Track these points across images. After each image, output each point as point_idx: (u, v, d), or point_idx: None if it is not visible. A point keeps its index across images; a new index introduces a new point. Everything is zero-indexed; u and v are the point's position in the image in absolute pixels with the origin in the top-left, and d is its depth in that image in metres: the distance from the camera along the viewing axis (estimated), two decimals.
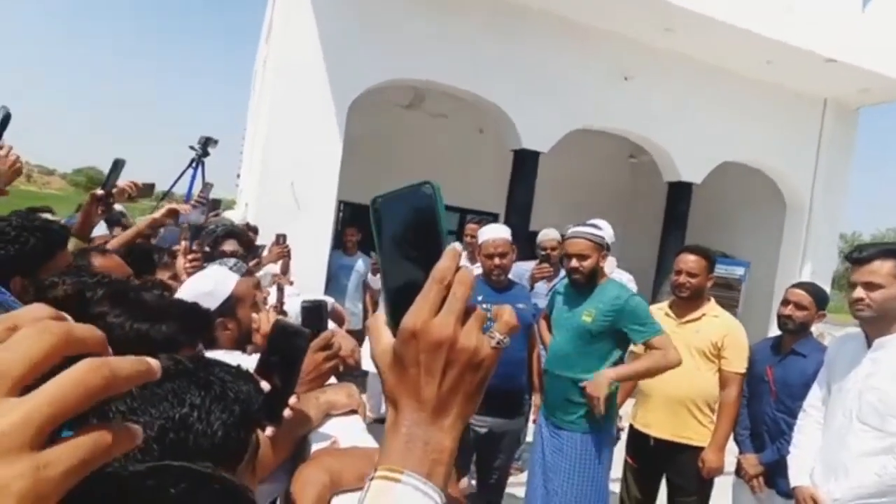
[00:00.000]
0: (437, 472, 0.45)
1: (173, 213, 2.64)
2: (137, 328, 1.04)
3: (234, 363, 0.70)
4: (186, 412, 0.57)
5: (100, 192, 2.24)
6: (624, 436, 3.04)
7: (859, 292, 2.03)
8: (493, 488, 3.07)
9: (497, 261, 2.95)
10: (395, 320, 0.48)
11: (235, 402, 0.60)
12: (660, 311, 2.96)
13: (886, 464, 1.92)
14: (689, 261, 2.88)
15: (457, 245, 0.49)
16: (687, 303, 2.89)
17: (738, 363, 2.77)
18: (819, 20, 6.29)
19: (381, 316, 0.51)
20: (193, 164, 4.52)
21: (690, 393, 2.80)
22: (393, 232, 0.50)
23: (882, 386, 1.99)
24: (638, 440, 2.95)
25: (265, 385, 0.82)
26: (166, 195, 5.03)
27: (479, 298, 2.93)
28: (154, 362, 0.34)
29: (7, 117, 2.06)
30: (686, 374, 2.74)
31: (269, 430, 0.85)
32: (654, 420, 2.88)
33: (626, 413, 3.07)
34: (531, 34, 6.08)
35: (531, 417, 3.23)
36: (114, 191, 2.27)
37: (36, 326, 0.31)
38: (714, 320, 2.84)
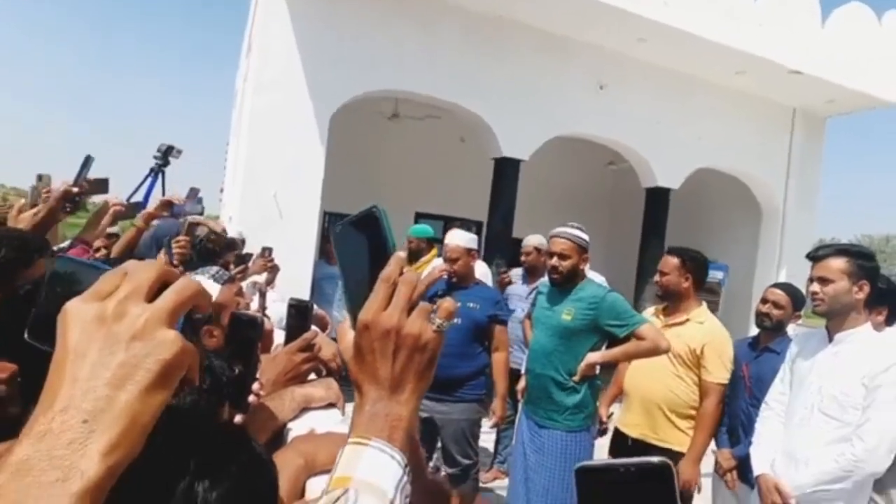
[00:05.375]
0: (396, 436, 0.55)
1: (167, 206, 2.64)
2: None
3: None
4: None
5: (74, 188, 2.18)
6: (609, 437, 3.10)
7: (814, 287, 2.15)
8: (458, 480, 3.17)
9: (448, 264, 3.20)
10: (355, 321, 0.59)
11: (207, 372, 0.68)
12: (649, 313, 3.03)
13: (844, 451, 2.02)
14: (664, 260, 2.93)
15: (400, 253, 0.59)
16: (672, 305, 2.91)
17: (717, 373, 2.74)
18: (784, 33, 6.52)
19: (346, 321, 0.62)
20: (152, 174, 4.40)
21: (665, 395, 2.81)
22: (350, 250, 0.61)
23: (844, 378, 2.09)
24: (619, 440, 3.00)
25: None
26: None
27: (439, 294, 3.14)
28: (209, 293, 0.49)
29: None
30: (662, 377, 2.80)
31: (238, 418, 0.91)
32: (631, 420, 2.93)
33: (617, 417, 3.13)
34: (509, 45, 6.22)
35: (490, 422, 3.32)
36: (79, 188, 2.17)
37: (145, 264, 0.46)
38: (698, 326, 2.81)
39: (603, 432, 3.09)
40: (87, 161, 2.26)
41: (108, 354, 0.40)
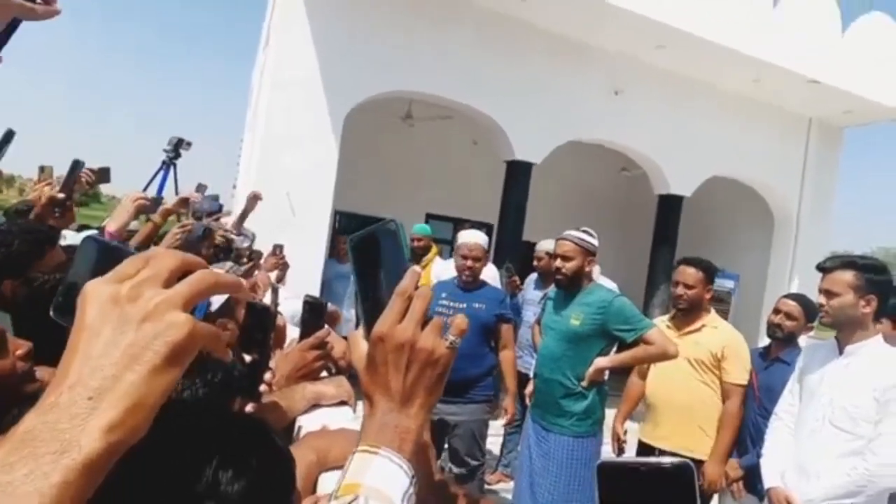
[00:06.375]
0: (405, 448, 0.56)
1: (184, 203, 2.66)
2: None
3: None
4: None
5: (60, 195, 2.12)
6: (631, 451, 3.06)
7: (821, 299, 2.14)
8: (464, 480, 3.18)
9: (469, 263, 3.15)
10: (369, 332, 0.60)
11: (218, 369, 0.69)
12: (661, 324, 2.99)
13: (857, 465, 2.01)
14: (686, 273, 2.86)
15: (416, 267, 0.60)
16: (686, 315, 2.88)
17: (737, 374, 2.75)
18: (803, 42, 6.47)
19: (359, 330, 0.63)
20: (164, 167, 4.42)
21: (694, 403, 2.79)
22: (366, 262, 0.62)
23: (855, 391, 2.08)
24: (645, 454, 2.90)
25: (248, 358, 0.91)
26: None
27: (444, 296, 3.10)
28: (241, 282, 0.50)
29: (9, 135, 2.08)
30: (689, 386, 2.77)
31: (249, 407, 0.92)
32: (659, 433, 2.88)
33: (632, 428, 3.08)
34: (524, 48, 6.22)
35: (502, 420, 3.33)
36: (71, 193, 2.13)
37: (168, 252, 0.47)
38: (714, 331, 2.83)
39: (621, 450, 3.06)
40: (76, 166, 2.19)
41: (120, 334, 0.41)
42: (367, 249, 0.62)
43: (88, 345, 0.40)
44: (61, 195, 2.14)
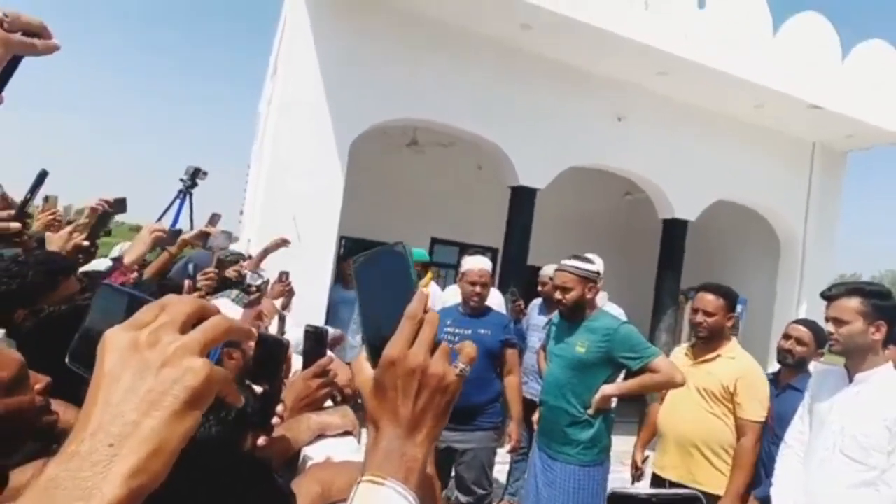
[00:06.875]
0: (411, 478, 0.55)
1: (203, 235, 2.71)
2: None
3: None
4: None
5: (85, 242, 2.21)
6: (646, 482, 3.00)
7: (829, 328, 2.12)
8: None
9: (479, 289, 3.16)
10: (373, 356, 0.59)
11: (232, 406, 0.69)
12: (681, 351, 2.95)
13: (870, 496, 1.97)
14: (706, 300, 2.76)
15: (423, 290, 0.59)
16: (706, 343, 2.78)
17: (751, 410, 2.63)
18: (803, 68, 6.55)
19: (363, 354, 0.62)
20: (181, 196, 4.49)
21: (701, 435, 2.70)
22: (371, 284, 0.61)
23: (866, 420, 2.05)
24: (656, 485, 2.82)
25: (258, 389, 0.92)
26: None
27: (448, 322, 3.09)
28: (253, 330, 0.52)
29: (42, 176, 2.14)
30: (697, 416, 2.70)
31: (261, 440, 0.92)
32: (669, 462, 2.81)
33: (653, 457, 3.03)
34: (529, 75, 6.30)
35: (507, 447, 3.28)
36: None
37: (183, 298, 0.49)
38: (729, 362, 2.71)
39: (639, 478, 3.00)
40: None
41: (139, 380, 0.41)
42: (371, 272, 0.60)
43: (109, 391, 0.41)
44: (86, 243, 2.26)
